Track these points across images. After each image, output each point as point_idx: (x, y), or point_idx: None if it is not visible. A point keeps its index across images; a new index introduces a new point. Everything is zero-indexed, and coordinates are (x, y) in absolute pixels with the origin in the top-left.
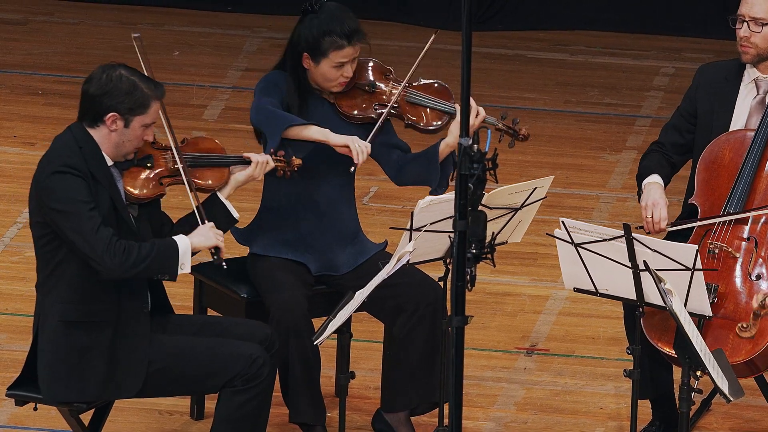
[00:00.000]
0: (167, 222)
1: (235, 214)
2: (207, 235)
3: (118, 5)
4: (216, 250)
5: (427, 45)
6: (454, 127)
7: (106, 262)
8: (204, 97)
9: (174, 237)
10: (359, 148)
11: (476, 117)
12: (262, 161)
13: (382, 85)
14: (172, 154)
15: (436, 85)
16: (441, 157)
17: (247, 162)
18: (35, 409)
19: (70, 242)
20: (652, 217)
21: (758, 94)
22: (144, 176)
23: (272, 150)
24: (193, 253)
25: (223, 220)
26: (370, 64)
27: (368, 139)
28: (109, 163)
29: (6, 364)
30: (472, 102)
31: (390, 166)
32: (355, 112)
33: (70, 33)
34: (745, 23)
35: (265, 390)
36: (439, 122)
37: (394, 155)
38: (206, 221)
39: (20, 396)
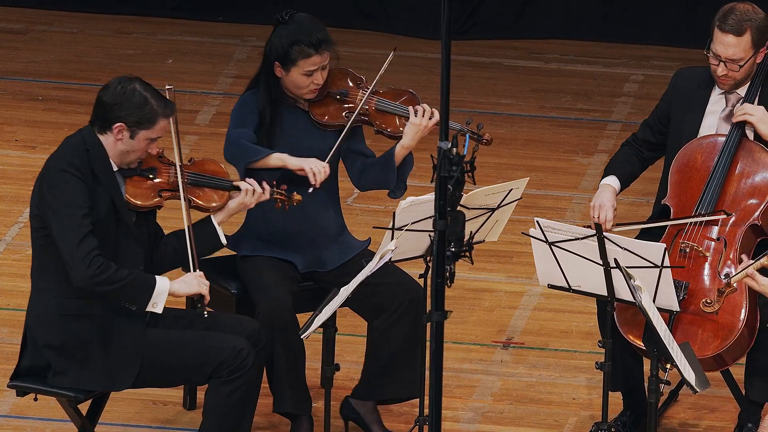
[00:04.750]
0: (160, 233)
1: (223, 240)
2: (190, 282)
3: (115, 15)
4: (200, 297)
5: (387, 60)
6: (408, 129)
7: (79, 270)
8: (196, 102)
9: (156, 276)
10: (315, 169)
11: (429, 119)
12: (250, 189)
13: (353, 94)
14: (176, 170)
15: (404, 92)
16: (398, 159)
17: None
18: (35, 399)
19: (54, 240)
20: (598, 217)
21: (727, 106)
22: (144, 186)
23: (274, 182)
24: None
25: (210, 243)
26: (343, 73)
27: (327, 160)
28: (114, 168)
29: (7, 357)
30: (426, 105)
31: (353, 171)
32: (327, 118)
33: (69, 42)
34: (723, 63)
35: (251, 381)
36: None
37: (358, 162)
38: (197, 269)
39: (21, 387)
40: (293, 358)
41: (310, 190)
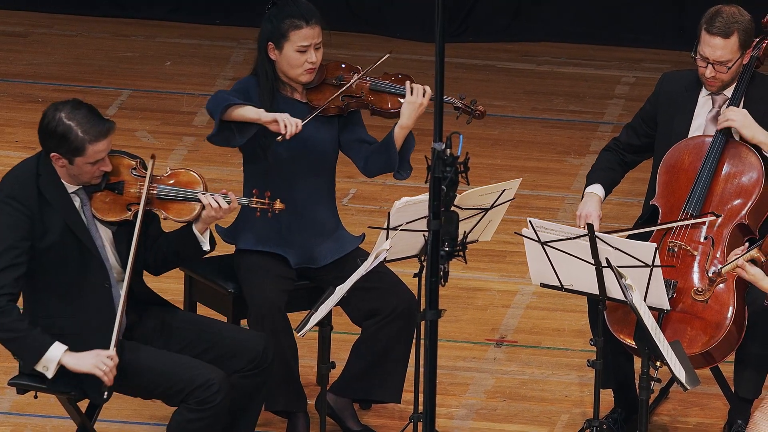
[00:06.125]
0: (154, 235)
1: (205, 247)
2: (84, 362)
3: (114, 18)
4: (99, 380)
5: (382, 59)
6: (405, 108)
7: None
8: (194, 104)
9: (56, 342)
10: (287, 120)
11: (424, 96)
12: (215, 206)
13: (348, 77)
14: (144, 183)
15: (397, 73)
16: (398, 140)
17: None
18: (35, 397)
19: None
20: (585, 227)
21: (713, 107)
22: (110, 201)
23: (255, 191)
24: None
25: (192, 251)
26: (339, 62)
27: (304, 121)
28: (71, 189)
29: (8, 354)
30: (416, 85)
31: (358, 160)
32: (324, 103)
33: (68, 44)
34: (711, 65)
35: (216, 415)
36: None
37: (362, 150)
38: (113, 347)
39: (21, 385)
40: (285, 358)
41: (279, 138)
